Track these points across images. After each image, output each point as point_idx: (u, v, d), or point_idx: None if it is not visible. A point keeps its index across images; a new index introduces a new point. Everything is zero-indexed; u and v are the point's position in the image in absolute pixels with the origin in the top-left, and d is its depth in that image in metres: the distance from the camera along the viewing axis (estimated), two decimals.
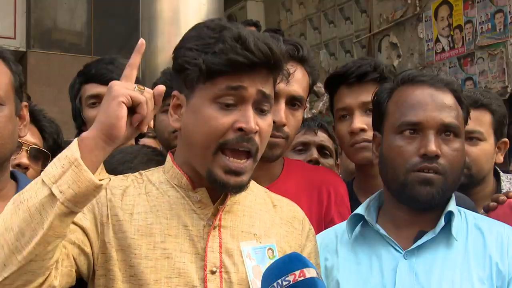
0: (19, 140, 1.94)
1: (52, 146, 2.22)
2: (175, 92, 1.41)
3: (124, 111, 1.18)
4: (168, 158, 1.46)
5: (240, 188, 1.36)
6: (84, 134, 1.20)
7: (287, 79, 1.54)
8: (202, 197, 1.39)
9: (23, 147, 2.01)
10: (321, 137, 2.37)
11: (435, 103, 1.49)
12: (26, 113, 1.61)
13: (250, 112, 1.32)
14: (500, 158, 2.24)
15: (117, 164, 1.85)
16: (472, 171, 2.10)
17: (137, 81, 2.37)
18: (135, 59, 1.28)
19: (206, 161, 1.34)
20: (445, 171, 1.46)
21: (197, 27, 1.40)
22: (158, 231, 1.34)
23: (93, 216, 1.33)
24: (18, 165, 1.95)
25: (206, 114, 1.33)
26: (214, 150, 1.32)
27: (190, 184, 1.39)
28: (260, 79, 1.34)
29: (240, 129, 1.31)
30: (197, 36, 1.36)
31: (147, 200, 1.38)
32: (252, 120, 1.32)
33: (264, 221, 1.46)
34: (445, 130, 1.48)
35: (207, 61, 1.30)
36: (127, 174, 1.47)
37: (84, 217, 1.31)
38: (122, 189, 1.39)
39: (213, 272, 1.34)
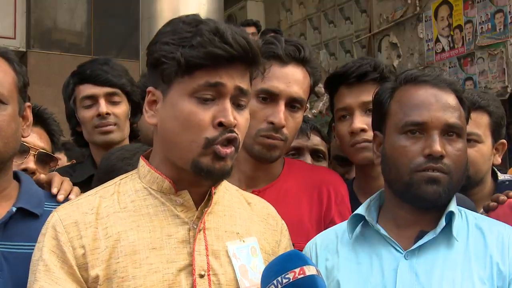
0: (26, 144, 1.94)
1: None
2: (150, 88, 1.38)
3: None
4: (142, 162, 1.43)
5: (224, 173, 1.34)
6: None
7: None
8: (184, 200, 1.37)
9: (30, 151, 2.00)
10: (314, 140, 2.32)
11: (439, 103, 1.49)
12: (29, 113, 1.61)
13: (228, 106, 1.32)
14: (498, 160, 2.24)
15: (117, 161, 1.85)
16: (469, 173, 2.09)
17: (131, 82, 2.38)
18: None
19: (191, 153, 1.32)
20: (450, 170, 1.45)
21: (172, 23, 1.38)
22: (142, 247, 1.31)
23: (69, 271, 1.29)
24: (25, 170, 1.94)
25: (185, 109, 1.31)
26: (203, 146, 1.31)
27: (173, 187, 1.37)
28: (238, 74, 1.34)
29: (220, 124, 1.31)
30: (173, 31, 1.34)
31: (124, 217, 1.34)
32: (230, 114, 1.31)
33: (244, 219, 1.46)
34: (449, 131, 1.48)
35: (185, 54, 1.29)
36: (94, 190, 1.42)
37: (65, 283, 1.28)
38: (94, 212, 1.34)
39: (201, 276, 1.32)
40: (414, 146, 1.47)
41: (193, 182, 1.36)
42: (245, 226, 1.45)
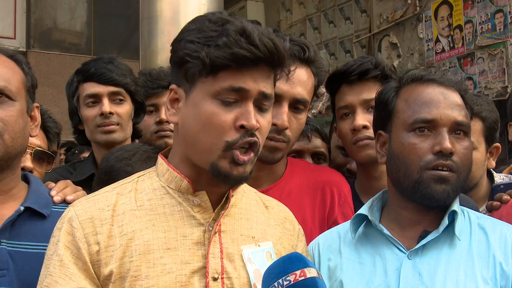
0: None
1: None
2: (173, 86, 1.37)
3: None
4: (161, 161, 1.42)
5: (242, 179, 1.33)
6: None
7: (287, 76, 1.51)
8: (202, 201, 1.36)
9: (27, 150, 2.00)
10: (315, 142, 2.30)
11: (447, 101, 1.49)
12: (37, 114, 1.63)
13: (251, 109, 1.31)
14: (492, 163, 2.23)
15: (115, 162, 1.84)
16: None
17: (135, 81, 2.37)
18: None
19: (210, 155, 1.31)
20: (458, 168, 1.46)
21: (197, 20, 1.36)
22: (157, 246, 1.30)
23: (83, 267, 1.28)
24: (22, 169, 1.94)
25: (208, 110, 1.30)
26: (223, 149, 1.30)
27: (192, 187, 1.36)
28: (262, 77, 1.32)
29: (242, 127, 1.30)
30: (199, 29, 1.32)
31: (140, 215, 1.33)
32: (253, 117, 1.30)
33: (260, 223, 1.45)
34: (457, 128, 1.49)
35: (210, 54, 1.27)
36: (112, 186, 1.42)
37: (78, 280, 1.27)
38: (110, 208, 1.34)
39: (215, 279, 1.32)
40: (424, 143, 1.47)
41: (211, 183, 1.35)
42: (261, 230, 1.44)
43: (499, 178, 2.27)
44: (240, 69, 1.29)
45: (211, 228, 1.34)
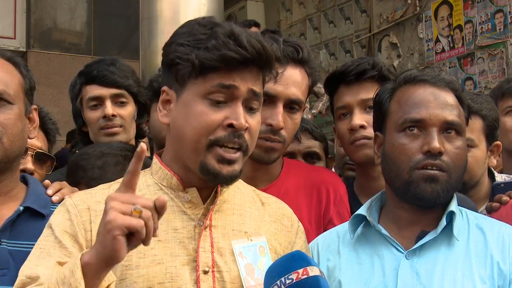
0: None
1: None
2: (164, 88, 1.41)
3: (120, 243, 1.12)
4: (155, 160, 1.46)
5: (232, 178, 1.36)
6: (86, 257, 1.16)
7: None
8: (192, 197, 1.39)
9: (28, 152, 2.01)
10: (306, 143, 2.30)
11: (438, 101, 1.50)
12: (35, 116, 1.66)
13: (240, 109, 1.34)
14: (493, 162, 2.23)
15: (76, 156, 1.98)
16: (464, 178, 2.08)
17: (137, 82, 2.37)
18: (136, 166, 1.17)
19: (198, 155, 1.34)
20: (449, 168, 1.46)
21: (187, 24, 1.40)
22: None
23: (79, 250, 1.30)
24: (23, 171, 1.95)
25: (197, 110, 1.33)
26: (206, 147, 1.33)
27: (181, 184, 1.39)
28: (251, 77, 1.35)
29: (230, 126, 1.32)
30: (189, 32, 1.36)
31: None
32: (242, 117, 1.33)
33: (254, 218, 1.47)
34: (448, 128, 1.49)
35: (199, 56, 1.31)
36: (108, 184, 1.45)
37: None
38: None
39: (205, 272, 1.34)
40: (413, 143, 1.48)
41: (202, 181, 1.38)
42: (254, 225, 1.45)
43: (500, 177, 2.26)
44: (229, 70, 1.32)
45: (201, 223, 1.37)
